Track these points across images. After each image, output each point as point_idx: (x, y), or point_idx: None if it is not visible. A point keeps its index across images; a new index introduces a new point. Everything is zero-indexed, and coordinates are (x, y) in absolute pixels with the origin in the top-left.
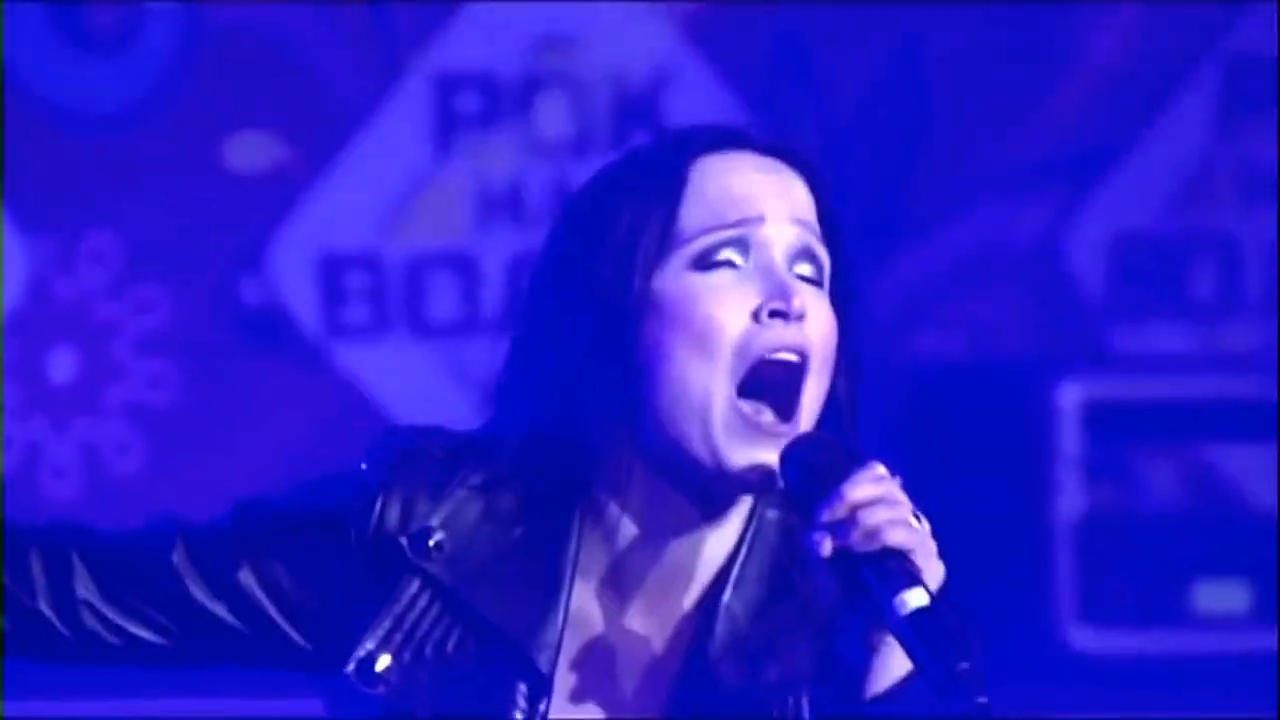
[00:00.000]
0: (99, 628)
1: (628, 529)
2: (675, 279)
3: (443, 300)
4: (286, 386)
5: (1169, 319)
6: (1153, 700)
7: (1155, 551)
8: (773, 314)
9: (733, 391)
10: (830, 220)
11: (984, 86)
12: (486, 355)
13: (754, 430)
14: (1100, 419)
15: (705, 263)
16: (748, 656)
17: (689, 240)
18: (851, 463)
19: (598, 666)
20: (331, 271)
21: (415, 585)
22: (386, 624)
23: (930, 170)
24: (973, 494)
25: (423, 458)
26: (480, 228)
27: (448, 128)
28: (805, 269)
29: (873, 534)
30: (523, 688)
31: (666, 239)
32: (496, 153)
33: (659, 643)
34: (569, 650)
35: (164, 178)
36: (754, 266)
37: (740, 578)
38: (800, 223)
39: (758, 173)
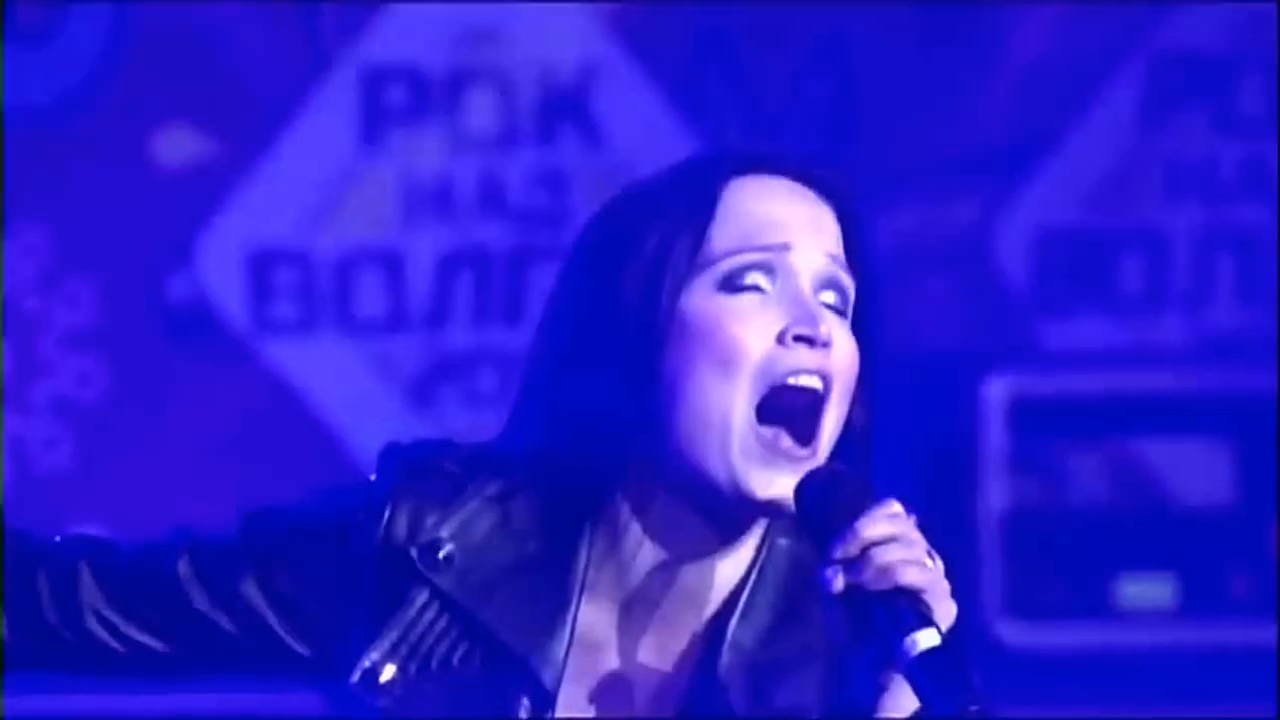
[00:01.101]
0: (103, 633)
1: (640, 548)
2: (701, 299)
3: (371, 296)
4: (214, 382)
5: (1096, 314)
6: (1080, 694)
7: (1082, 546)
8: (798, 338)
9: (752, 414)
10: (857, 250)
11: (909, 82)
12: (415, 351)
13: (772, 453)
14: (1027, 414)
15: (732, 285)
16: (755, 683)
17: (716, 261)
18: (867, 499)
19: (603, 685)
20: (259, 267)
21: (423, 597)
22: (393, 635)
23: (856, 166)
24: (899, 488)
25: (433, 470)
26: (408, 222)
27: (375, 122)
28: (830, 297)
29: (885, 572)
30: (526, 703)
31: (694, 259)
32: (424, 147)
33: (666, 665)
34: (575, 667)
35: (91, 172)
36: (780, 291)
37: (750, 604)
38: (827, 251)
39: (788, 199)
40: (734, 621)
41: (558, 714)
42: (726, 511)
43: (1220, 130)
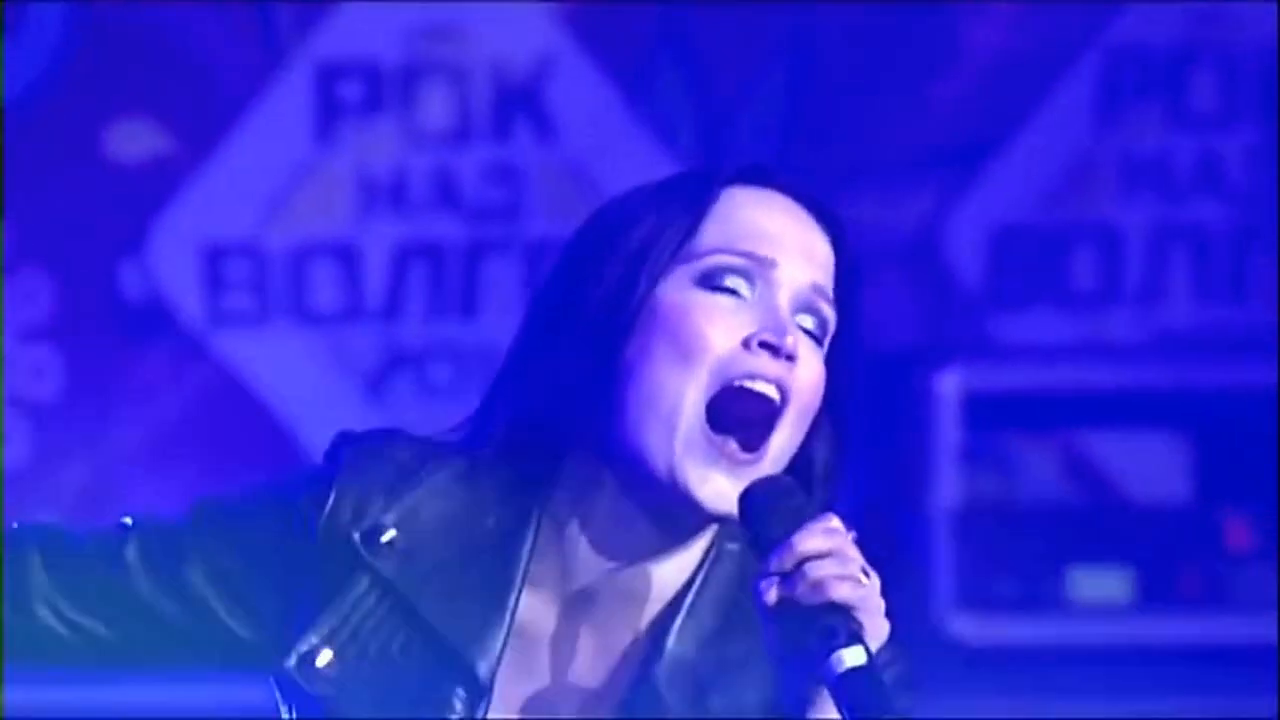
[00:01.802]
0: (52, 620)
1: (585, 543)
2: (676, 290)
3: (324, 289)
4: (169, 376)
5: (1049, 309)
6: (1033, 688)
7: (1034, 540)
8: (763, 345)
9: (703, 409)
10: (847, 288)
11: (863, 77)
12: (369, 343)
13: (716, 453)
14: (980, 408)
15: (710, 283)
16: (694, 686)
17: (700, 256)
18: (808, 512)
19: (540, 680)
20: (213, 260)
21: (364, 583)
22: (332, 620)
23: (810, 162)
24: (852, 482)
25: (382, 457)
26: (362, 216)
27: (329, 116)
28: (807, 321)
29: (818, 587)
30: (461, 694)
31: (679, 251)
32: (378, 141)
33: (605, 662)
34: (512, 660)
35: (45, 166)
36: (757, 300)
37: (693, 606)
38: (813, 279)
39: (784, 216)
40: (676, 624)
41: (493, 706)
42: (667, 509)
43: (1174, 126)
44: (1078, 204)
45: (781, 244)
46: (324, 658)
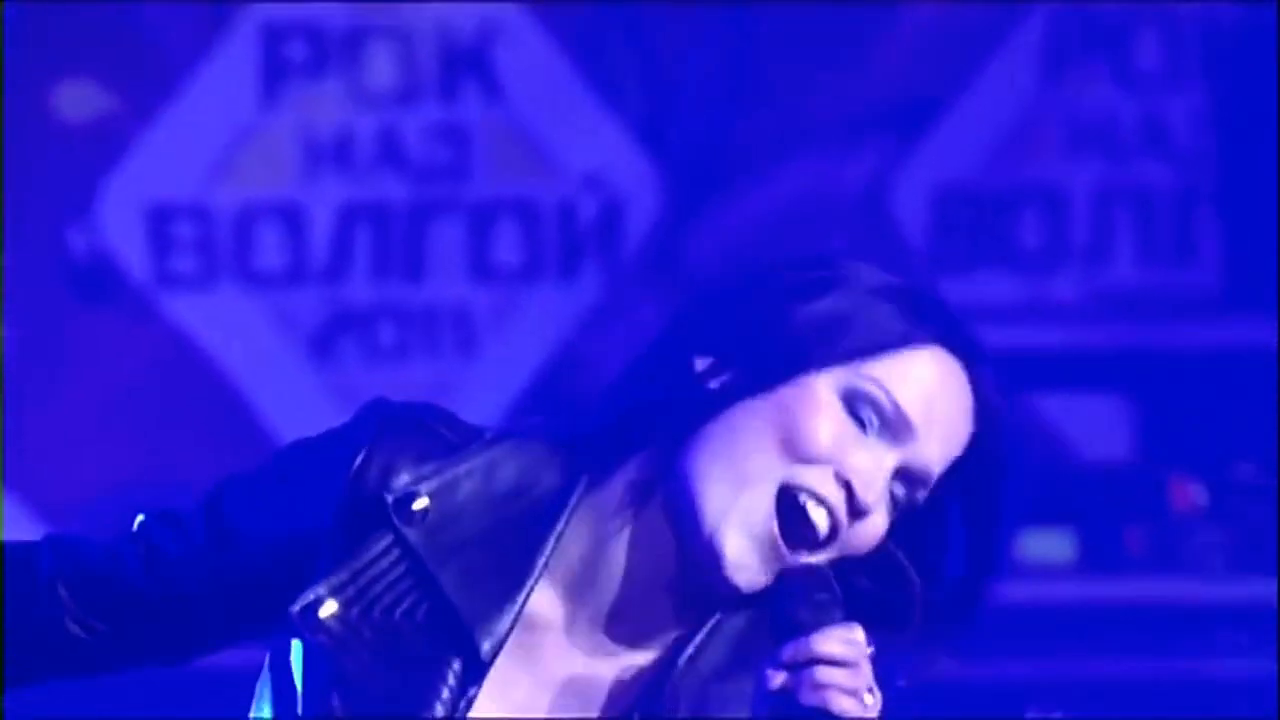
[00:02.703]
0: (68, 623)
1: (615, 548)
2: (821, 386)
3: (270, 250)
4: (115, 337)
5: (995, 270)
6: (979, 649)
7: None
8: (846, 484)
9: (775, 496)
10: (978, 479)
11: (807, 37)
12: (314, 304)
13: (765, 532)
14: None
15: (852, 402)
16: (696, 713)
17: (862, 375)
18: (834, 614)
19: (538, 674)
20: (159, 221)
21: (383, 544)
22: (343, 574)
23: (754, 122)
24: None
25: (419, 428)
26: (307, 177)
27: (275, 77)
28: (899, 490)
29: (821, 693)
30: (456, 667)
31: (849, 357)
32: (323, 103)
33: (606, 674)
34: (514, 647)
35: None
36: (874, 443)
37: (705, 642)
38: (931, 464)
39: (950, 402)
40: (685, 654)
41: (485, 690)
42: (696, 564)
43: (1120, 86)
44: (1022, 165)
45: (931, 422)
46: (328, 609)
